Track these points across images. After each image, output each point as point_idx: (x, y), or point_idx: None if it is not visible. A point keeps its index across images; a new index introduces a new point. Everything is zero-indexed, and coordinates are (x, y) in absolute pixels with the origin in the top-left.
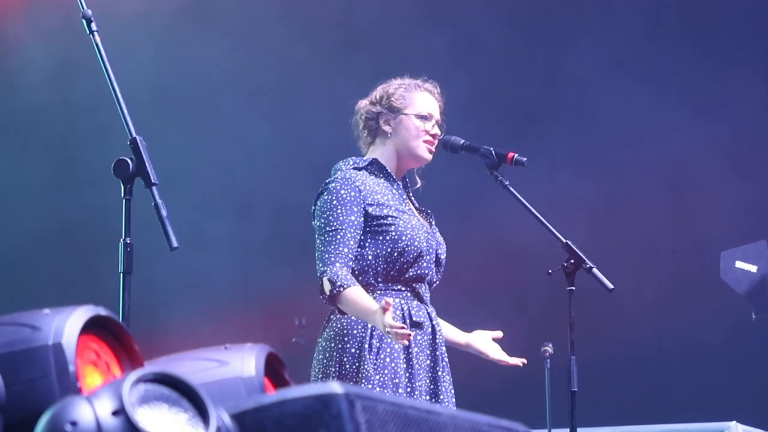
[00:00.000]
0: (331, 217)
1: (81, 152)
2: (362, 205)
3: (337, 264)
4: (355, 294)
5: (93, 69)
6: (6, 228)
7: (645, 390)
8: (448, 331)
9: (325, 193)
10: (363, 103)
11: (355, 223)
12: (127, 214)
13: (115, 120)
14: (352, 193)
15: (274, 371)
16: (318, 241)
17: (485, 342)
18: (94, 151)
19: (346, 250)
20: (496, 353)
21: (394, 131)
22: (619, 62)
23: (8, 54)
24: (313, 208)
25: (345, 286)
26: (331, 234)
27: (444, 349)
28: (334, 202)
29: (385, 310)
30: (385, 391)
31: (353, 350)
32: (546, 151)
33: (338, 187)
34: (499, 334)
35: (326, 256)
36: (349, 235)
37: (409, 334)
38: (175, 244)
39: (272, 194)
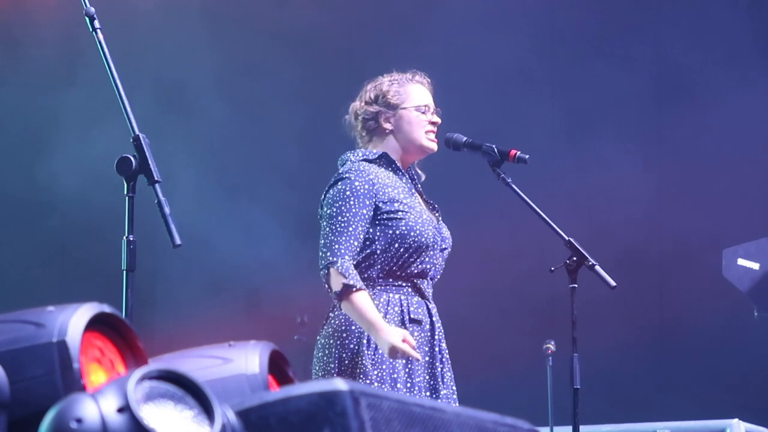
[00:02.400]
0: (343, 207)
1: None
2: (374, 199)
3: (347, 256)
4: (365, 301)
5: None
6: (10, 227)
7: (647, 387)
8: None
9: (340, 183)
10: (358, 105)
11: (366, 216)
12: (130, 211)
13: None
14: (366, 186)
15: (278, 368)
16: (327, 228)
17: None
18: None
19: (356, 243)
20: None
21: (395, 127)
22: None
23: (14, 56)
24: (323, 197)
25: (357, 288)
26: (342, 224)
27: (444, 345)
28: (348, 193)
29: (403, 341)
30: (383, 386)
31: (351, 346)
32: (541, 150)
33: (353, 179)
34: None
35: (336, 246)
36: (360, 228)
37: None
38: (178, 241)
39: (277, 191)
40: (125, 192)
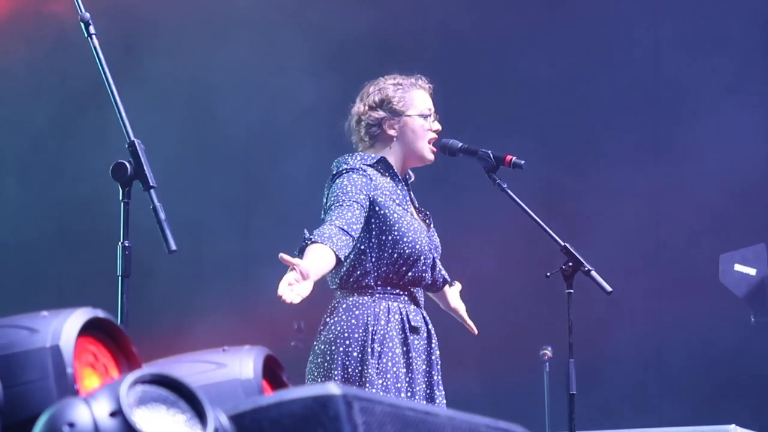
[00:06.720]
0: (340, 193)
1: (80, 155)
2: (371, 193)
3: (336, 221)
4: (309, 250)
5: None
6: (4, 231)
7: (644, 393)
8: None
9: (339, 178)
10: (361, 109)
11: (363, 202)
12: (125, 217)
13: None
14: (364, 179)
15: (272, 374)
16: (325, 217)
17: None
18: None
19: (349, 214)
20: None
21: (399, 134)
22: None
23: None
24: (324, 200)
25: (314, 240)
26: (337, 205)
27: (438, 353)
28: (345, 182)
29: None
30: (388, 395)
31: (355, 354)
32: (541, 148)
33: (351, 173)
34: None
35: (327, 219)
36: (356, 206)
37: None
38: (173, 247)
39: (275, 198)
40: (120, 198)
